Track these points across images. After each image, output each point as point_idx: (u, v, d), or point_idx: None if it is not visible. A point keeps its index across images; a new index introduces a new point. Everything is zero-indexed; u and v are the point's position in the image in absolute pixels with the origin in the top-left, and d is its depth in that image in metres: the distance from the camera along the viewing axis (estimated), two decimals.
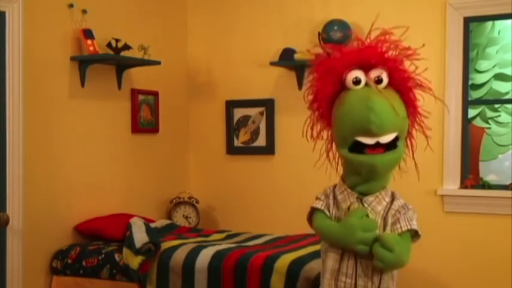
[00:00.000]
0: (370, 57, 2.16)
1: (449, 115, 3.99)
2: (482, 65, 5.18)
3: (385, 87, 2.16)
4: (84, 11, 3.76)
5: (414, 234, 2.24)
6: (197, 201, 4.53)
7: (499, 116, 5.23)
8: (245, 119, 4.59)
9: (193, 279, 3.35)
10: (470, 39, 4.09)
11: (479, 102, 5.14)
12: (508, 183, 4.02)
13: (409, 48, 2.22)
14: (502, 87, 5.14)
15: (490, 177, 4.65)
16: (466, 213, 4.00)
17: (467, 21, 4.00)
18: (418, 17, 4.08)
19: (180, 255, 3.43)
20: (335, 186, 2.31)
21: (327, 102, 2.24)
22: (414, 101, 2.25)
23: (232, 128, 4.64)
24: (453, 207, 4.03)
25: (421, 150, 4.13)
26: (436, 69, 4.04)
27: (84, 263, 3.55)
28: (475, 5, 3.95)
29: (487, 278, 3.92)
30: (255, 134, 4.56)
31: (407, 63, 2.23)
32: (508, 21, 4.88)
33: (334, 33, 4.05)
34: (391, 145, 2.15)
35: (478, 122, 5.25)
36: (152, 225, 3.85)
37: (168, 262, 3.42)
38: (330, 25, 4.08)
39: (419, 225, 2.26)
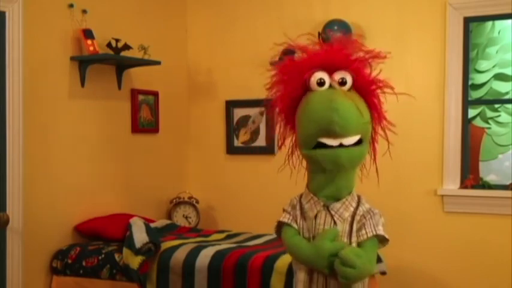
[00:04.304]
0: (335, 59, 2.14)
1: (449, 115, 4.01)
2: (482, 65, 5.18)
3: (349, 90, 2.14)
4: (84, 11, 3.76)
5: (382, 239, 2.19)
6: (197, 201, 4.53)
7: (499, 116, 5.23)
8: (245, 119, 4.59)
9: (193, 279, 3.35)
10: (470, 39, 4.09)
11: (479, 102, 5.14)
12: (508, 183, 4.02)
13: (374, 51, 2.18)
14: (502, 87, 5.14)
15: (490, 177, 4.65)
16: (466, 213, 4.00)
17: (467, 21, 4.01)
18: (418, 17, 4.08)
19: (180, 255, 3.43)
20: (301, 195, 2.29)
21: (291, 104, 2.22)
22: (378, 106, 2.20)
23: (232, 128, 4.64)
24: (453, 207, 4.03)
25: (421, 150, 4.16)
26: (436, 69, 4.05)
27: (84, 263, 3.55)
28: (475, 5, 3.95)
29: (487, 278, 3.92)
30: (255, 134, 4.56)
31: (373, 67, 2.19)
32: (508, 21, 4.88)
33: (334, 33, 4.05)
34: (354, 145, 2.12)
35: (478, 122, 5.25)
36: (152, 225, 3.85)
37: (168, 262, 3.42)
38: (330, 25, 4.08)
39: (386, 230, 2.20)
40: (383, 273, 3.63)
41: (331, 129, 2.05)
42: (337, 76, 2.13)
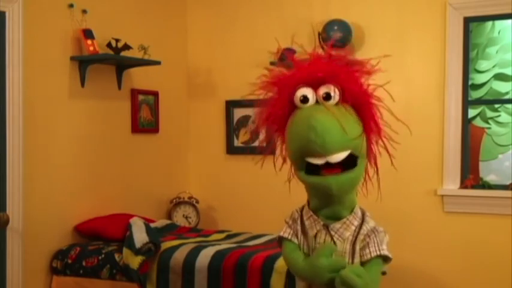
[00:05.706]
0: (319, 73, 2.04)
1: (449, 115, 4.01)
2: (482, 65, 5.18)
3: (338, 104, 2.03)
4: (84, 11, 3.76)
5: (386, 258, 2.13)
6: (197, 201, 4.53)
7: (499, 116, 5.24)
8: (245, 119, 4.59)
9: (193, 279, 3.35)
10: (470, 39, 4.09)
11: (479, 102, 5.15)
12: (508, 183, 4.02)
13: (363, 63, 2.07)
14: (502, 87, 5.14)
15: (490, 177, 4.65)
16: (466, 213, 4.00)
17: (467, 21, 4.01)
18: (418, 17, 4.08)
19: (180, 255, 3.43)
20: (303, 208, 2.22)
21: (281, 121, 2.14)
22: (374, 117, 2.08)
23: (232, 128, 4.64)
24: (453, 207, 4.03)
25: (421, 150, 4.16)
26: (436, 69, 4.05)
27: (84, 263, 3.55)
28: (475, 5, 3.95)
29: (487, 278, 3.92)
30: (255, 134, 4.56)
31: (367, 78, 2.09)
32: (508, 21, 4.89)
33: (334, 33, 4.05)
34: (351, 164, 2.01)
35: (478, 122, 5.25)
36: (152, 225, 3.85)
37: (168, 262, 3.42)
38: (330, 25, 4.08)
39: (389, 248, 2.13)
40: (383, 273, 3.63)
41: (310, 148, 1.97)
42: (322, 91, 2.03)
